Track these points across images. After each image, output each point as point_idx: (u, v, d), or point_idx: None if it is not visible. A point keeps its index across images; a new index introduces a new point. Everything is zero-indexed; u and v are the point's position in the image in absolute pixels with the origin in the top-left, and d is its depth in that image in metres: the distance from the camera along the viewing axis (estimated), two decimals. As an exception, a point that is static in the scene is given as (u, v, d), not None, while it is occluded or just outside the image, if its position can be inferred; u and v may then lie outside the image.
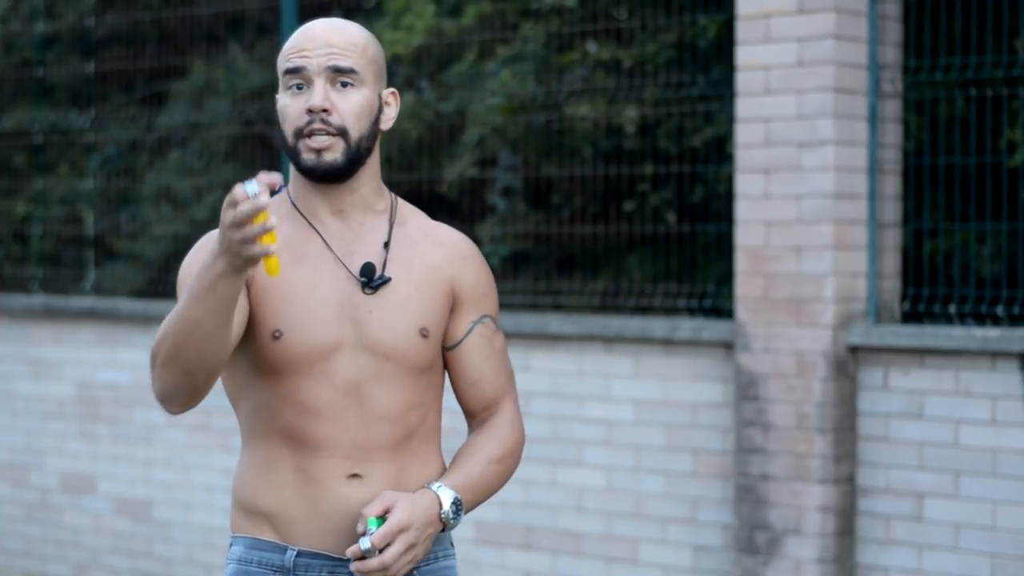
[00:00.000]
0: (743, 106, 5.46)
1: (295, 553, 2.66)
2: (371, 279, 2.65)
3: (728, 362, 5.59)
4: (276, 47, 7.46)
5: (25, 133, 8.43)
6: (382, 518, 2.57)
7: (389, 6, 7.04)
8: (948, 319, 5.42)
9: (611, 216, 6.45)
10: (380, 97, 2.70)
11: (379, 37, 6.92)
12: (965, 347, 5.12)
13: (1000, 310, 5.33)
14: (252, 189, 2.34)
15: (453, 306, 2.73)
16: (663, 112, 6.26)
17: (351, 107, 2.62)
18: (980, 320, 5.38)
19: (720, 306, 5.95)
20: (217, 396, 7.93)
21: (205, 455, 6.98)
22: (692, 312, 6.06)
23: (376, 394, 2.65)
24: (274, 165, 7.36)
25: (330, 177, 2.64)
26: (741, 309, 5.47)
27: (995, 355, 5.09)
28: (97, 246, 8.20)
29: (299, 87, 2.63)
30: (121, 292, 7.85)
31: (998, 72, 5.38)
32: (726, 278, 5.91)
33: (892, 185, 5.51)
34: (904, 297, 5.53)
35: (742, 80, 5.46)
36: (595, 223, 6.49)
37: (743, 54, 5.46)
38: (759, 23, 5.42)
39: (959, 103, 5.63)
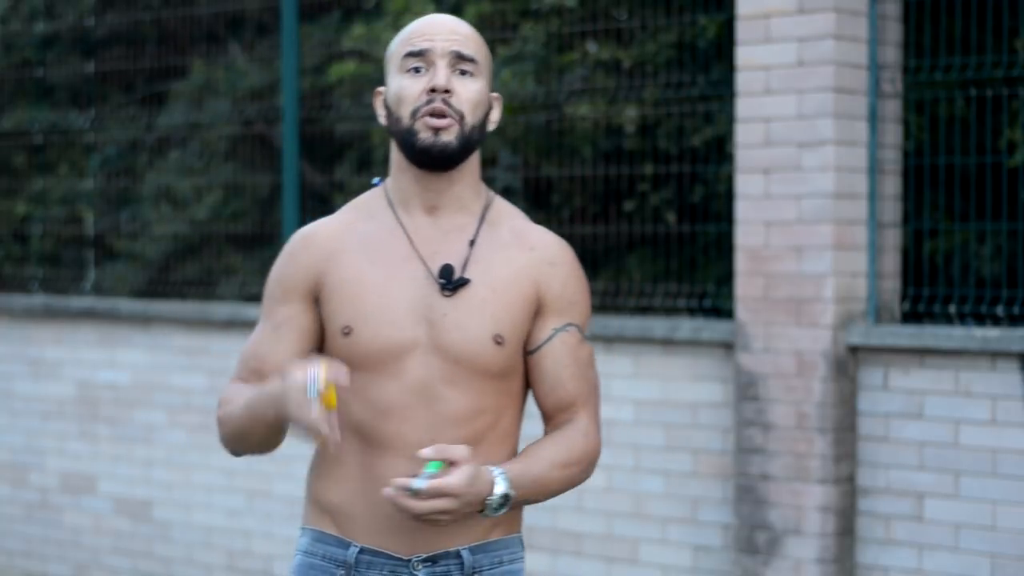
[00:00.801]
0: (743, 106, 5.46)
1: (358, 549, 2.66)
2: (449, 280, 2.64)
3: (728, 362, 5.59)
4: (276, 47, 7.46)
5: (25, 133, 8.43)
6: (440, 464, 2.50)
7: (389, 6, 7.04)
8: (948, 319, 5.42)
9: (611, 216, 6.45)
10: (490, 95, 2.70)
11: (379, 37, 6.94)
12: (965, 347, 5.12)
13: (1000, 310, 5.33)
14: (313, 392, 2.46)
15: (537, 311, 2.70)
16: (663, 112, 6.26)
17: (470, 94, 2.63)
18: (980, 320, 5.38)
19: (720, 306, 5.95)
20: (214, 398, 7.86)
21: (205, 455, 6.98)
22: (692, 312, 6.06)
23: (446, 396, 2.63)
24: (274, 166, 7.36)
25: (441, 160, 2.63)
26: (741, 309, 5.47)
27: (995, 355, 5.09)
28: (97, 246, 8.20)
29: (417, 69, 2.63)
30: (121, 292, 7.85)
31: (998, 72, 5.38)
32: (726, 278, 5.91)
33: (892, 185, 5.51)
34: (904, 297, 5.53)
35: (742, 80, 5.46)
36: (595, 223, 6.49)
37: (743, 54, 5.46)
38: (759, 23, 5.42)
39: (959, 103, 5.63)
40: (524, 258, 2.69)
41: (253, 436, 2.64)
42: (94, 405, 7.44)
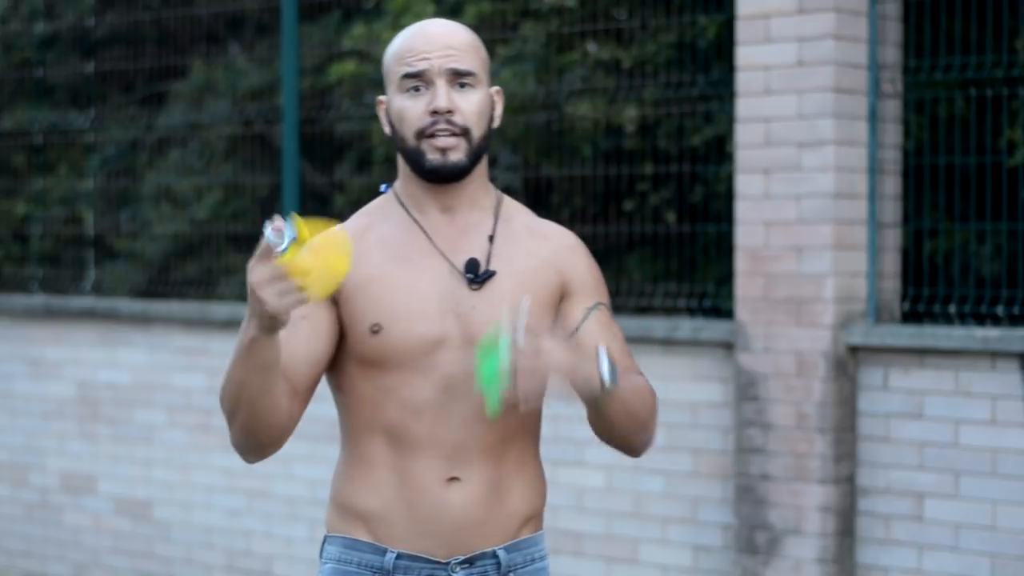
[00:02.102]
0: (743, 106, 5.46)
1: (395, 555, 2.65)
2: (476, 274, 2.65)
3: (728, 362, 5.59)
4: (276, 47, 7.46)
5: (25, 133, 8.43)
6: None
7: (389, 6, 7.04)
8: (948, 319, 5.42)
9: (611, 216, 6.45)
10: (491, 95, 2.71)
11: (379, 37, 6.94)
12: (965, 347, 5.12)
13: (1000, 310, 5.33)
14: (272, 238, 2.31)
15: (564, 297, 2.72)
16: (663, 112, 6.26)
17: (472, 107, 2.64)
18: (980, 320, 5.38)
19: (720, 306, 5.95)
20: (213, 398, 7.84)
21: (205, 455, 6.98)
22: (692, 312, 6.06)
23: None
24: (274, 166, 7.36)
25: (453, 177, 2.65)
26: (741, 309, 5.47)
27: (995, 355, 5.09)
28: (97, 246, 8.20)
29: (417, 89, 2.64)
30: (121, 292, 7.85)
31: (998, 72, 5.38)
32: (726, 278, 5.91)
33: (892, 185, 5.51)
34: (904, 297, 5.53)
35: (742, 80, 5.46)
36: (595, 223, 6.49)
37: (743, 54, 5.46)
38: (759, 23, 5.42)
39: (959, 103, 5.63)
40: (543, 248, 2.73)
41: (243, 397, 2.50)
42: (94, 405, 7.44)
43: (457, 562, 2.66)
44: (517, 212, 2.77)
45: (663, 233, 6.26)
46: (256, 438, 2.60)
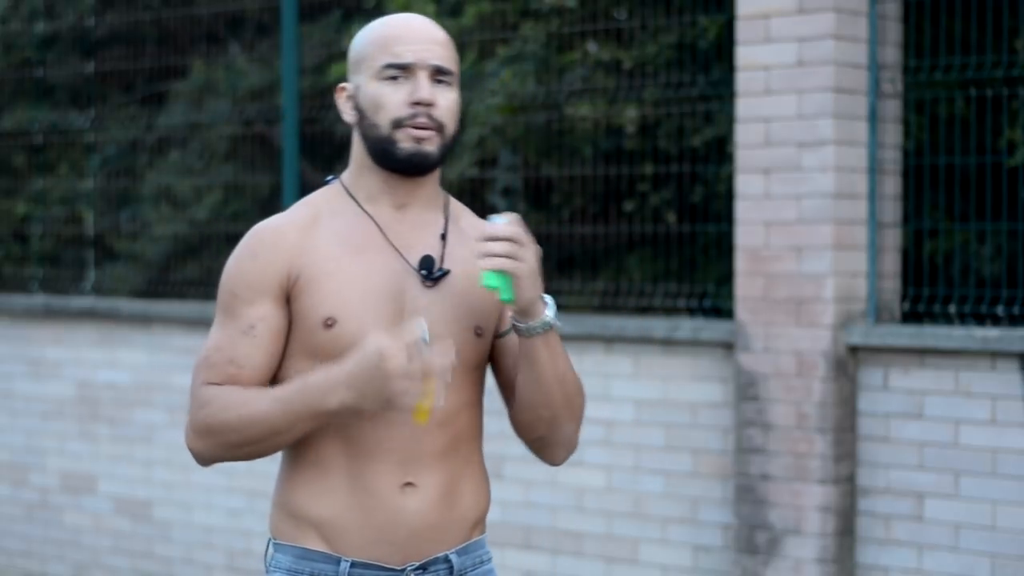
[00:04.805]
0: (743, 106, 5.46)
1: (349, 564, 2.59)
2: (431, 272, 2.62)
3: (728, 362, 5.59)
4: (276, 47, 7.46)
5: (25, 133, 8.43)
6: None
7: (389, 6, 7.04)
8: (948, 319, 5.42)
9: (611, 216, 6.45)
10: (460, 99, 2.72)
11: (379, 37, 6.94)
12: (965, 347, 5.12)
13: (1000, 310, 5.33)
14: (427, 336, 2.40)
15: None
16: (663, 112, 6.26)
17: (449, 104, 2.64)
18: (980, 320, 5.38)
19: (720, 306, 5.95)
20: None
21: (205, 455, 6.97)
22: (692, 312, 6.06)
23: None
24: (274, 166, 7.36)
25: (422, 169, 2.63)
26: (741, 309, 5.47)
27: (995, 355, 5.09)
28: (97, 246, 8.20)
29: (395, 78, 2.62)
30: (121, 292, 7.85)
31: (998, 72, 5.38)
32: (726, 278, 5.91)
33: (892, 185, 5.51)
34: (904, 297, 5.53)
35: (742, 80, 5.46)
36: (595, 223, 6.49)
37: (743, 54, 5.46)
38: (759, 23, 5.42)
39: (959, 103, 5.63)
40: None
41: (268, 440, 2.53)
42: (94, 405, 7.44)
43: (412, 568, 2.62)
44: (463, 213, 2.76)
45: (663, 233, 6.25)
46: (240, 458, 2.63)
